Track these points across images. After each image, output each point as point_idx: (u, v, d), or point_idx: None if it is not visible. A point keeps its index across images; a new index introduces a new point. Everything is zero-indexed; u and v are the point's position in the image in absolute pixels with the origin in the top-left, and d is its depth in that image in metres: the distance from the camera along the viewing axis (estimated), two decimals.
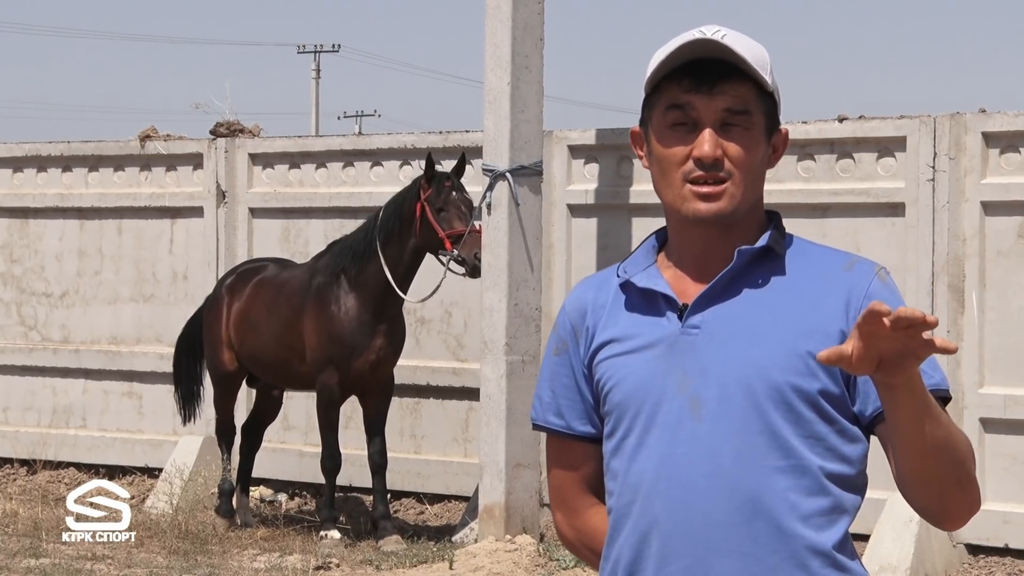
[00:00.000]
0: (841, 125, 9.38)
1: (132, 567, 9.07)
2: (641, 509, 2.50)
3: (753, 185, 2.52)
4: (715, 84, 2.48)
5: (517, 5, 9.31)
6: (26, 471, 12.13)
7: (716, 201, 2.50)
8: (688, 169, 2.50)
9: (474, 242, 9.37)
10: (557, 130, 10.27)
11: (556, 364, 2.65)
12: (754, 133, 2.51)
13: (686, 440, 2.47)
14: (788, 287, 2.51)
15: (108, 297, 12.06)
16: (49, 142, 12.34)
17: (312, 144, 11.51)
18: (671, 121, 2.51)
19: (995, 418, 8.87)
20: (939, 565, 8.68)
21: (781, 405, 2.46)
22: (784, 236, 2.57)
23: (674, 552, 2.48)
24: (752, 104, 2.50)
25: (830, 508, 2.46)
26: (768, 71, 2.51)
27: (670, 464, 2.48)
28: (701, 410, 2.47)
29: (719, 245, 2.53)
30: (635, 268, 2.60)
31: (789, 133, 2.62)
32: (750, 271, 2.52)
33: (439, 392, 10.75)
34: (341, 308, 9.65)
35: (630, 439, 2.52)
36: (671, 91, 2.51)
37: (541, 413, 2.66)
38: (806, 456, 2.45)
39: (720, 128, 2.49)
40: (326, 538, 9.65)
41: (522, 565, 8.75)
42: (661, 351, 2.51)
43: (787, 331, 2.46)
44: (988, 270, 8.94)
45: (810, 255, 2.56)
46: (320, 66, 52.32)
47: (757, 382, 2.45)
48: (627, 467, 2.52)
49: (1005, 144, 8.95)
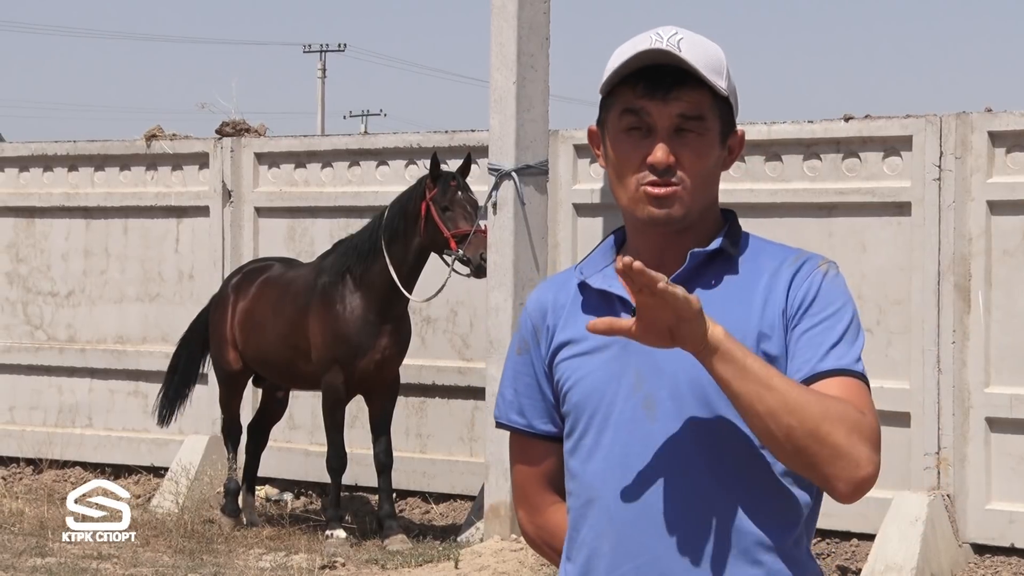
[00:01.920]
0: (847, 124, 9.37)
1: (138, 566, 9.08)
2: (597, 509, 2.53)
3: (706, 189, 2.56)
4: (670, 90, 2.51)
5: (523, 4, 9.31)
6: (32, 470, 12.14)
7: (668, 206, 2.52)
8: (642, 175, 2.53)
9: (479, 242, 9.37)
10: (563, 129, 10.26)
11: (518, 363, 2.68)
12: (708, 138, 2.54)
13: (640, 440, 2.50)
14: (739, 286, 2.55)
15: (114, 296, 12.07)
16: (55, 142, 12.35)
17: (318, 143, 11.51)
18: (626, 125, 2.54)
19: (1001, 417, 8.86)
20: (945, 564, 8.67)
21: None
22: (739, 236, 2.60)
23: (628, 551, 2.50)
24: (706, 110, 2.53)
25: (784, 505, 2.49)
26: (724, 75, 2.54)
27: (625, 464, 2.51)
28: (655, 410, 2.50)
29: (674, 247, 2.56)
30: (592, 269, 2.63)
31: (745, 134, 2.65)
32: (703, 272, 2.56)
33: (445, 391, 10.75)
34: (346, 308, 9.66)
35: (586, 439, 2.56)
36: (626, 95, 2.54)
37: (504, 411, 2.70)
38: (758, 453, 2.48)
39: (674, 133, 2.52)
40: (332, 537, 9.65)
41: (527, 564, 8.75)
42: (615, 352, 2.54)
43: (738, 329, 2.48)
44: (994, 269, 8.93)
45: (762, 253, 2.59)
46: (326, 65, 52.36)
47: (706, 379, 2.46)
48: (583, 467, 2.56)
49: (1011, 143, 8.94)
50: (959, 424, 8.93)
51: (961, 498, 8.89)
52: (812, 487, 2.52)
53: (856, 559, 8.99)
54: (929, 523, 8.55)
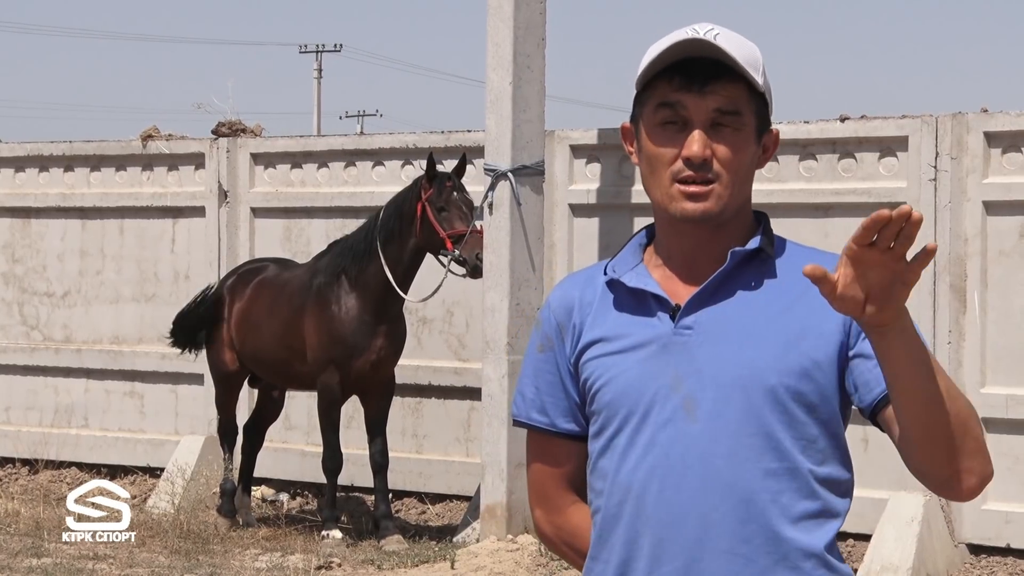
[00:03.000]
0: (843, 125, 9.37)
1: (134, 567, 9.07)
2: (633, 509, 2.50)
3: (741, 186, 2.52)
4: (706, 84, 2.47)
5: (519, 5, 9.31)
6: (28, 471, 12.13)
7: (703, 201, 2.48)
8: (677, 169, 2.49)
9: (475, 242, 9.37)
10: (559, 130, 10.26)
11: (540, 361, 2.64)
12: (744, 134, 2.50)
13: (680, 440, 2.47)
14: (779, 289, 2.51)
15: (110, 297, 12.06)
16: (51, 142, 12.34)
17: (314, 144, 11.51)
18: (661, 119, 2.50)
19: (997, 418, 8.86)
20: (941, 565, 8.67)
21: (777, 407, 2.46)
22: (773, 238, 2.57)
23: (666, 553, 2.48)
24: (743, 105, 2.49)
25: (820, 511, 2.47)
26: (760, 71, 2.50)
27: (663, 464, 2.47)
28: (696, 411, 2.47)
29: (708, 245, 2.53)
30: (623, 267, 2.58)
31: (780, 134, 2.61)
32: (742, 272, 2.52)
33: (441, 392, 10.75)
34: (342, 308, 9.65)
35: (620, 438, 2.51)
36: (662, 89, 2.50)
37: (524, 410, 2.66)
38: (798, 459, 2.46)
39: (710, 128, 2.48)
40: (328, 538, 9.65)
41: (524, 565, 8.75)
42: (653, 351, 2.50)
43: (781, 333, 2.46)
44: (990, 270, 8.93)
45: (800, 257, 2.55)
46: (322, 66, 52.32)
47: (753, 384, 2.45)
48: (617, 467, 2.52)
49: (1007, 144, 8.95)
50: None
51: None
52: (847, 496, 2.51)
53: (852, 559, 8.99)
54: (925, 523, 8.56)
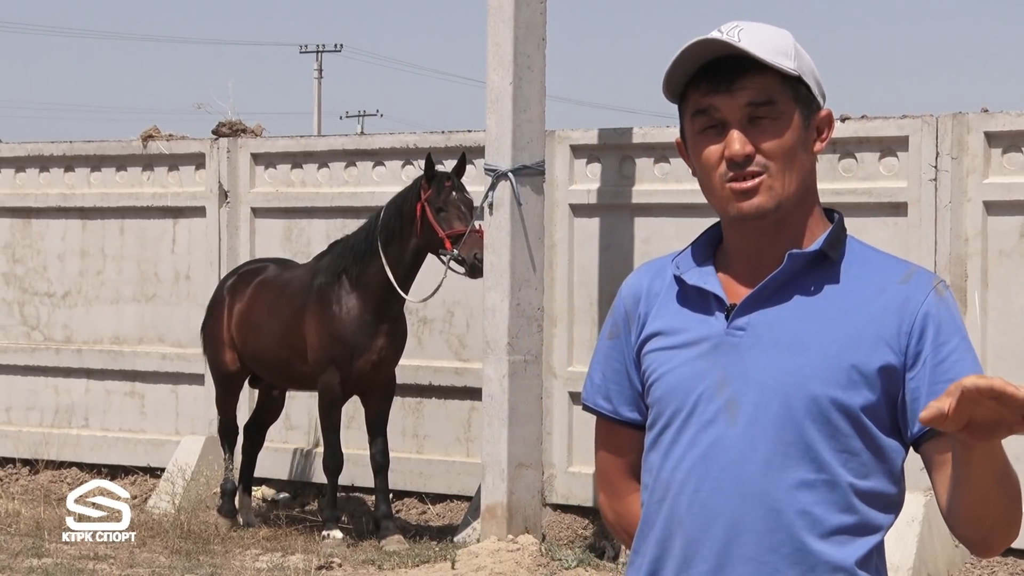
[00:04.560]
0: (843, 125, 9.37)
1: (134, 567, 9.07)
2: (670, 507, 2.49)
3: (795, 174, 2.47)
4: (733, 81, 2.44)
5: (519, 5, 9.31)
6: (28, 471, 12.13)
7: (755, 196, 2.45)
8: (723, 171, 2.46)
9: (474, 242, 9.37)
10: (559, 130, 10.26)
11: (609, 348, 2.64)
12: (784, 121, 2.46)
13: (719, 443, 2.45)
14: (840, 296, 2.47)
15: (110, 297, 12.06)
16: (51, 142, 12.34)
17: (314, 144, 11.51)
18: (700, 127, 2.49)
19: None
20: (941, 565, 8.67)
21: (818, 418, 2.42)
22: (842, 240, 2.52)
23: (696, 555, 2.46)
24: (776, 93, 2.45)
25: (856, 525, 2.43)
26: (791, 55, 2.46)
27: (701, 465, 2.46)
28: (737, 414, 2.44)
29: (771, 244, 2.49)
30: (690, 262, 2.56)
31: (832, 113, 2.55)
32: (802, 276, 2.48)
33: (441, 392, 10.74)
34: (343, 308, 9.65)
35: (667, 434, 2.51)
36: (694, 97, 2.48)
37: (591, 395, 2.66)
38: (838, 471, 2.42)
39: (748, 123, 2.45)
40: (328, 538, 9.65)
41: (524, 565, 8.74)
42: (705, 349, 2.49)
43: (833, 342, 2.43)
44: (991, 270, 8.93)
45: (867, 263, 2.51)
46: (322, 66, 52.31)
47: (795, 392, 2.42)
48: (661, 463, 2.51)
49: (1008, 144, 8.95)
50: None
51: None
52: (892, 508, 2.48)
53: None
54: (926, 523, 8.55)
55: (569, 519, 10.06)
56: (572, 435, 10.06)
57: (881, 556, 2.49)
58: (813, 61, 2.53)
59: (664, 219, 9.68)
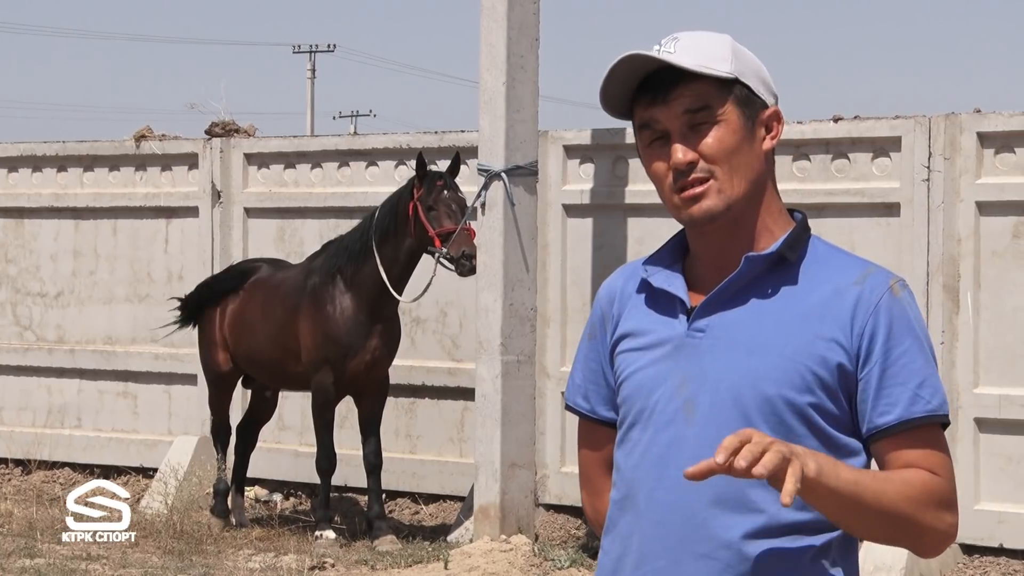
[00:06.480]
0: (836, 125, 9.38)
1: (127, 567, 9.06)
2: (631, 505, 2.54)
3: (744, 174, 2.51)
4: (669, 92, 2.49)
5: (512, 5, 9.31)
6: (21, 471, 12.12)
7: (704, 200, 2.49)
8: (671, 180, 2.51)
9: (463, 240, 9.36)
10: (552, 130, 10.26)
11: (588, 349, 2.69)
12: (725, 124, 2.49)
13: (676, 442, 2.50)
14: (797, 297, 2.50)
15: (103, 297, 12.05)
16: (44, 142, 12.33)
17: (307, 144, 11.50)
18: (646, 140, 2.54)
19: (990, 418, 8.87)
20: (934, 565, 8.68)
21: (771, 418, 2.45)
22: (802, 241, 2.55)
23: (652, 552, 2.50)
24: (712, 98, 2.49)
25: (811, 522, 2.46)
26: (727, 59, 2.50)
27: (659, 464, 2.51)
28: (694, 414, 2.49)
29: (730, 247, 2.53)
30: (659, 265, 2.60)
31: (779, 110, 2.57)
32: (761, 277, 2.52)
33: (434, 392, 10.74)
34: (337, 308, 9.65)
35: (632, 433, 2.56)
36: (638, 112, 2.54)
37: (572, 394, 2.72)
38: None
39: (690, 131, 2.49)
40: (321, 538, 9.65)
41: (517, 565, 8.75)
42: (668, 351, 2.53)
43: (788, 344, 2.46)
44: (983, 270, 8.94)
45: (827, 264, 2.53)
46: (315, 66, 52.33)
47: (748, 392, 2.46)
48: (625, 461, 2.57)
49: (1000, 144, 8.96)
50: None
51: None
52: None
53: None
54: None
55: (562, 519, 10.06)
56: (565, 435, 10.06)
57: (843, 551, 2.50)
58: (761, 62, 2.57)
59: (657, 219, 9.68)
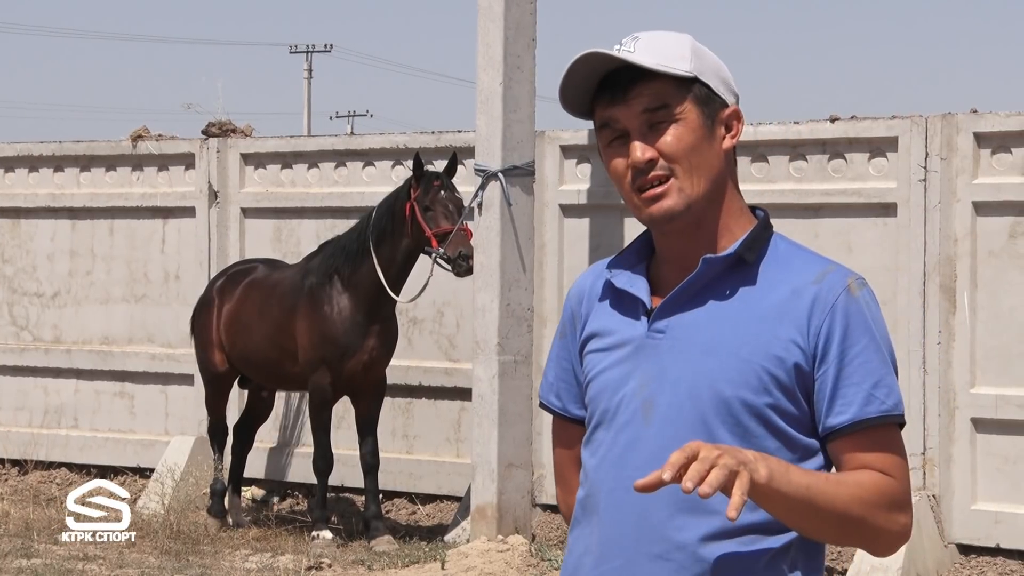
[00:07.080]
0: (833, 125, 9.38)
1: (124, 567, 9.06)
2: (593, 504, 2.55)
3: (703, 173, 2.51)
4: (628, 91, 2.49)
5: (509, 5, 9.31)
6: (17, 471, 12.11)
7: (664, 200, 2.50)
8: (630, 179, 2.52)
9: (459, 240, 9.36)
10: (549, 130, 10.26)
11: (559, 347, 2.71)
12: (684, 123, 2.49)
13: (634, 443, 2.51)
14: (755, 298, 2.50)
15: (100, 297, 12.05)
16: (40, 142, 12.32)
17: (304, 144, 11.50)
18: (606, 139, 2.54)
19: (986, 418, 8.88)
20: (930, 565, 8.69)
21: (728, 419, 2.46)
22: (762, 241, 2.54)
23: (610, 551, 2.51)
24: (671, 96, 2.49)
25: (767, 523, 2.45)
26: (687, 58, 2.50)
27: (618, 464, 2.52)
28: (652, 415, 2.50)
29: (691, 247, 2.53)
30: (623, 265, 2.60)
31: (739, 109, 2.57)
32: (720, 278, 2.51)
33: (431, 392, 10.74)
34: (334, 308, 9.65)
35: (596, 433, 2.57)
36: (598, 111, 2.54)
37: (545, 392, 2.74)
38: None
39: (649, 130, 2.50)
40: (318, 538, 9.65)
41: (514, 565, 8.75)
42: (629, 352, 2.54)
43: (745, 345, 2.46)
44: (979, 270, 8.94)
45: (787, 264, 2.52)
46: (312, 66, 52.32)
47: (706, 393, 2.46)
48: (589, 461, 2.58)
49: (996, 144, 8.96)
50: (945, 425, 8.94)
51: (947, 499, 8.91)
52: None
53: (842, 560, 9.01)
54: (915, 523, 8.55)
55: (558, 519, 10.06)
56: None
57: (805, 553, 2.50)
58: (723, 61, 2.57)
59: None
